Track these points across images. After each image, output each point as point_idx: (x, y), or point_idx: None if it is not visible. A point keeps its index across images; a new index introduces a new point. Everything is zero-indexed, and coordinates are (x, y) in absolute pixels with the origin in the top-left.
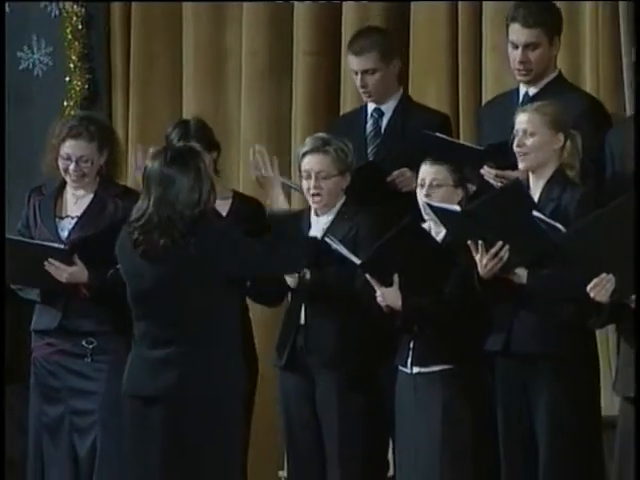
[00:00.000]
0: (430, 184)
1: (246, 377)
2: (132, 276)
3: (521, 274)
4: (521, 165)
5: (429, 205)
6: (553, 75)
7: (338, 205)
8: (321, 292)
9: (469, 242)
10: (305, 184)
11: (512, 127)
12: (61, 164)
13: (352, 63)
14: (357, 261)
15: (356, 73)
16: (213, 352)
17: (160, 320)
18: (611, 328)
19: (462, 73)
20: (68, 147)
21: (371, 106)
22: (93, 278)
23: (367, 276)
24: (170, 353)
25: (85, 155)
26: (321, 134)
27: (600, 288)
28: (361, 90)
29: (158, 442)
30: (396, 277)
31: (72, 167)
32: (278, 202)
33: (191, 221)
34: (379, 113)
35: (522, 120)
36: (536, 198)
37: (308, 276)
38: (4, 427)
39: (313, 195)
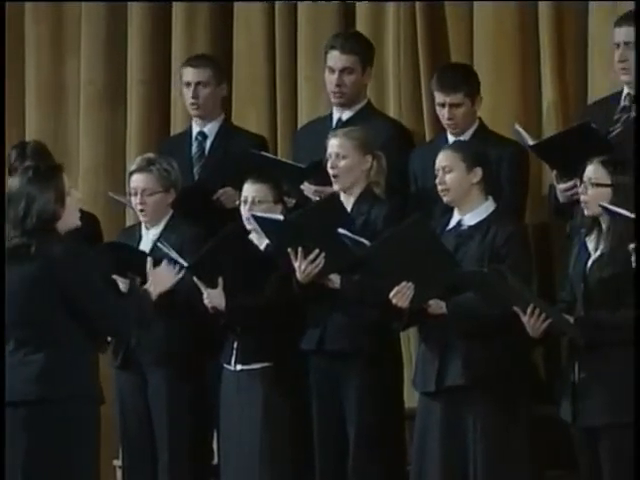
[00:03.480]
0: (252, 201)
1: (95, 378)
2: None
3: (335, 279)
4: (335, 185)
5: (253, 216)
6: (363, 102)
7: (166, 218)
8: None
9: (289, 249)
10: (134, 200)
11: (326, 149)
12: None
13: (187, 75)
14: (185, 264)
15: (189, 84)
16: (63, 354)
17: (16, 323)
18: (413, 329)
19: (280, 100)
20: None
21: (195, 129)
22: None
23: (194, 278)
24: (26, 356)
25: None
26: (148, 154)
27: (401, 295)
28: (191, 101)
29: (22, 445)
30: (220, 280)
31: None
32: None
33: (34, 231)
34: (203, 136)
35: (334, 144)
36: None
37: (138, 281)
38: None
39: (140, 210)
